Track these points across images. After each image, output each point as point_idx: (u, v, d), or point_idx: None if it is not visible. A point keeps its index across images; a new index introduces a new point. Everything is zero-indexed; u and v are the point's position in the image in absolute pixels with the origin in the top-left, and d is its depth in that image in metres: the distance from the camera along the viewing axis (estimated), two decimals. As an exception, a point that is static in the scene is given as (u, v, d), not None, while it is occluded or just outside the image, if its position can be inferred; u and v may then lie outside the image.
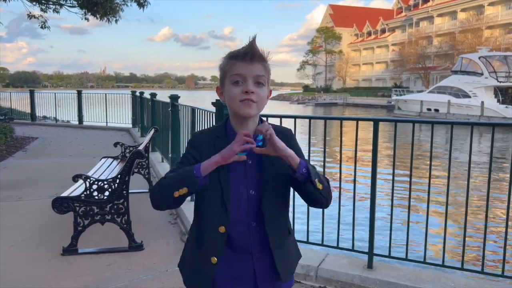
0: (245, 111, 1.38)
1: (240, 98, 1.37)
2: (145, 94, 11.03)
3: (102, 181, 3.67)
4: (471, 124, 3.06)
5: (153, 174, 6.77)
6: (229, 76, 1.39)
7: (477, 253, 5.42)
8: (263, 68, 1.40)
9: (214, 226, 1.41)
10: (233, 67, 1.39)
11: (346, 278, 3.08)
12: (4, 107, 16.82)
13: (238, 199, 1.41)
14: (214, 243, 1.41)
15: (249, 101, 1.37)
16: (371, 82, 73.39)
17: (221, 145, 1.39)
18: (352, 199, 3.42)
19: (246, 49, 1.38)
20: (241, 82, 1.38)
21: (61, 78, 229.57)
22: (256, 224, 1.43)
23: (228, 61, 1.41)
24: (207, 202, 1.43)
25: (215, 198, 1.40)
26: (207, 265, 1.42)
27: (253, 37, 1.39)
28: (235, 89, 1.38)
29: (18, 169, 7.47)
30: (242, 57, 1.38)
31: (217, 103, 3.76)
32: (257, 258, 1.44)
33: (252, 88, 1.37)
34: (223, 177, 1.39)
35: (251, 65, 1.37)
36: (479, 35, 48.93)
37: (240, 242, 1.42)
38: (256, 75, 1.38)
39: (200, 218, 1.48)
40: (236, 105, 1.38)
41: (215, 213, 1.41)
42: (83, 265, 3.44)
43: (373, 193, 3.20)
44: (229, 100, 1.40)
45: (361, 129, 3.39)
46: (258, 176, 1.43)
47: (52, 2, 13.01)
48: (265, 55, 1.41)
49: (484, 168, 11.54)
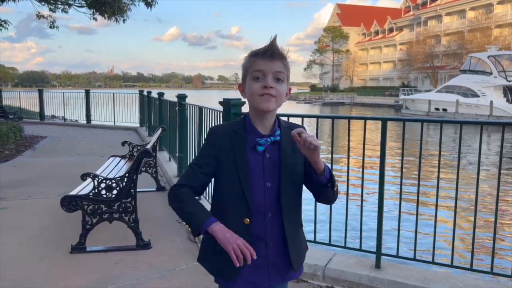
0: (264, 105, 1.45)
1: (260, 92, 1.45)
2: (153, 94, 11.07)
3: (110, 180, 3.69)
4: (481, 124, 3.03)
5: (161, 173, 6.79)
6: (250, 73, 1.47)
7: (485, 254, 5.37)
8: (282, 66, 1.47)
9: (239, 218, 1.47)
10: (254, 64, 1.47)
11: (354, 278, 3.07)
12: (14, 106, 16.98)
13: (256, 191, 1.48)
14: (242, 234, 1.42)
15: (269, 95, 1.44)
16: (379, 81, 73.01)
17: (238, 140, 1.48)
18: (360, 198, 3.40)
19: (266, 47, 1.46)
20: (261, 78, 1.45)
21: (69, 78, 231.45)
22: (271, 215, 1.50)
23: (249, 58, 1.49)
24: (229, 196, 1.49)
25: (236, 194, 1.47)
26: None
27: (274, 36, 1.46)
28: (255, 84, 1.46)
29: (27, 167, 7.53)
30: (263, 55, 1.45)
31: (224, 102, 3.74)
32: (270, 247, 1.51)
33: (272, 83, 1.44)
34: (242, 172, 1.46)
35: (271, 62, 1.45)
36: (488, 34, 48.49)
37: (256, 231, 1.49)
38: (275, 71, 1.45)
39: (222, 212, 1.50)
40: (256, 99, 1.46)
41: (238, 206, 1.47)
42: (91, 263, 3.46)
43: (381, 193, 3.18)
44: (250, 95, 1.48)
45: (368, 130, 3.37)
46: (274, 169, 1.49)
47: (60, 2, 13.10)
48: (285, 53, 1.48)
49: (493, 168, 11.44)
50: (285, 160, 1.50)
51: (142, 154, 3.83)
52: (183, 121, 6.10)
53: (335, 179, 1.49)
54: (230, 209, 1.49)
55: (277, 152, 1.50)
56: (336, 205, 1.91)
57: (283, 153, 1.50)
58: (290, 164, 1.51)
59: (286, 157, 1.50)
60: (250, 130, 1.50)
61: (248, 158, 1.47)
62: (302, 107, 51.68)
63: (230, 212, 1.48)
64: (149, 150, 3.95)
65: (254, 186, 1.48)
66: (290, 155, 1.50)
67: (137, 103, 13.98)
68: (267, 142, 1.49)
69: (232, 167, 1.46)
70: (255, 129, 1.50)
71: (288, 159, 1.50)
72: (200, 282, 3.10)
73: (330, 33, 77.07)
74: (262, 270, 1.52)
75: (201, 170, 1.50)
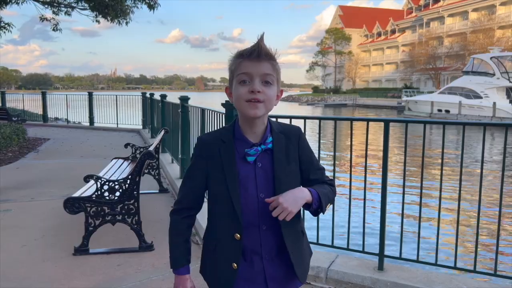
0: (251, 112, 1.33)
1: (246, 98, 1.33)
2: (155, 96, 11.10)
3: (113, 182, 3.69)
4: (484, 125, 3.02)
5: (163, 175, 6.80)
6: (236, 76, 1.35)
7: (490, 255, 5.35)
8: (271, 67, 1.35)
9: (230, 234, 1.40)
10: (240, 66, 1.34)
11: (357, 280, 3.06)
12: (17, 108, 17.05)
13: (248, 202, 1.38)
14: (232, 250, 1.41)
15: (256, 101, 1.32)
16: (381, 83, 72.93)
17: (226, 150, 1.39)
18: (363, 201, 3.40)
19: (252, 47, 1.33)
20: (247, 81, 1.33)
21: (72, 80, 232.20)
22: (266, 227, 1.41)
23: (235, 60, 1.37)
24: (219, 211, 1.42)
25: (226, 206, 1.38)
26: (229, 271, 1.42)
27: (260, 35, 1.34)
28: (241, 89, 1.34)
29: (31, 169, 7.56)
30: (249, 56, 1.33)
31: (226, 104, 3.76)
32: (267, 260, 1.42)
33: (259, 88, 1.32)
34: (231, 184, 1.37)
35: (258, 64, 1.32)
36: (491, 35, 48.37)
37: (250, 245, 1.41)
38: (263, 73, 1.33)
39: (214, 227, 1.46)
40: (242, 105, 1.34)
41: (228, 221, 1.39)
42: (94, 265, 3.46)
43: (383, 195, 3.18)
44: (236, 100, 1.36)
45: (370, 131, 3.37)
46: (268, 178, 1.39)
47: (64, 5, 13.16)
48: (273, 53, 1.35)
49: (496, 171, 11.39)
50: (278, 169, 1.39)
51: (145, 156, 3.83)
52: (185, 123, 6.11)
53: (330, 196, 1.45)
54: (221, 224, 1.42)
55: (269, 160, 1.39)
56: (339, 207, 1.91)
57: (276, 161, 1.39)
58: (284, 172, 1.40)
59: (279, 165, 1.40)
60: (239, 137, 1.40)
61: (238, 168, 1.37)
62: (305, 109, 51.68)
63: (221, 227, 1.42)
64: (152, 152, 3.96)
65: (246, 198, 1.38)
66: (283, 162, 1.41)
67: (140, 105, 14.02)
68: (257, 152, 1.38)
69: (221, 178, 1.37)
70: (243, 137, 1.40)
71: (281, 167, 1.40)
72: (203, 284, 3.10)
73: (333, 34, 77.03)
74: (261, 285, 1.43)
75: (193, 182, 1.45)
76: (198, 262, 1.59)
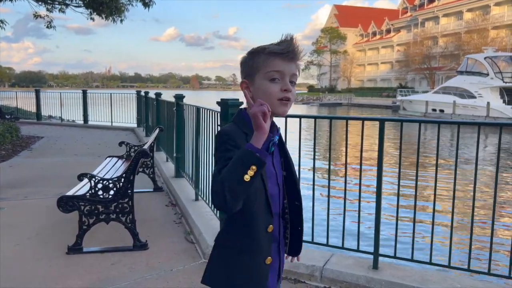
0: (281, 110, 1.36)
1: (278, 96, 1.34)
2: (150, 94, 11.06)
3: (107, 180, 3.67)
4: (478, 124, 3.04)
5: (158, 173, 6.78)
6: (266, 72, 1.35)
7: (483, 254, 5.38)
8: (297, 68, 1.40)
9: (264, 227, 1.37)
10: (272, 63, 1.34)
11: (351, 279, 3.06)
12: (10, 106, 16.93)
13: (274, 192, 1.41)
14: (266, 244, 1.39)
15: (287, 100, 1.36)
16: (376, 82, 73.16)
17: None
18: (358, 199, 3.40)
19: (288, 47, 1.35)
20: (278, 79, 1.35)
21: (66, 78, 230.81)
22: (282, 215, 1.47)
23: (266, 56, 1.35)
24: (252, 206, 1.33)
25: (260, 200, 1.35)
26: (263, 268, 1.39)
27: (291, 36, 1.36)
28: (273, 86, 1.34)
29: (24, 168, 7.50)
30: (283, 54, 1.34)
31: (222, 103, 3.72)
32: (281, 245, 1.47)
33: (290, 87, 1.36)
34: (263, 175, 1.34)
35: (290, 63, 1.36)
36: (485, 35, 48.67)
37: (275, 233, 1.43)
38: (293, 73, 1.37)
39: (247, 225, 1.36)
40: (273, 103, 1.33)
41: (262, 214, 1.37)
42: (88, 264, 3.44)
43: (378, 193, 3.18)
44: (266, 96, 1.33)
45: (365, 130, 3.37)
46: (280, 167, 1.46)
47: (58, 2, 13.08)
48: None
49: (490, 168, 11.46)
50: (286, 154, 1.49)
51: (139, 155, 3.81)
52: (180, 121, 6.09)
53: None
54: (254, 220, 1.35)
55: (276, 149, 1.45)
56: (334, 205, 1.90)
57: (282, 148, 1.48)
58: (289, 157, 1.51)
59: (285, 151, 1.50)
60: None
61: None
62: (300, 108, 51.72)
63: (256, 223, 1.35)
64: (146, 151, 3.94)
65: (272, 188, 1.40)
66: (286, 149, 1.52)
67: (135, 103, 13.96)
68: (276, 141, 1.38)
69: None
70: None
71: (287, 152, 1.51)
72: (198, 283, 3.09)
73: (328, 34, 77.14)
74: (276, 270, 1.45)
75: None
76: (194, 262, 1.58)
